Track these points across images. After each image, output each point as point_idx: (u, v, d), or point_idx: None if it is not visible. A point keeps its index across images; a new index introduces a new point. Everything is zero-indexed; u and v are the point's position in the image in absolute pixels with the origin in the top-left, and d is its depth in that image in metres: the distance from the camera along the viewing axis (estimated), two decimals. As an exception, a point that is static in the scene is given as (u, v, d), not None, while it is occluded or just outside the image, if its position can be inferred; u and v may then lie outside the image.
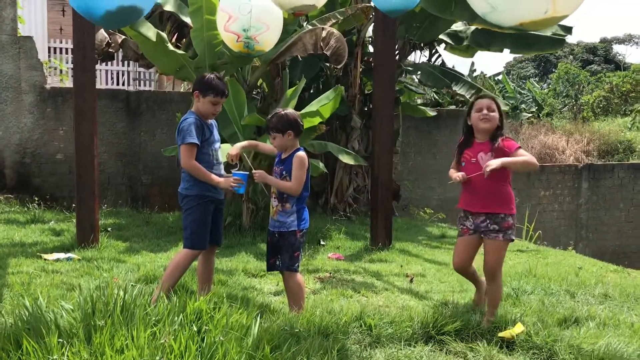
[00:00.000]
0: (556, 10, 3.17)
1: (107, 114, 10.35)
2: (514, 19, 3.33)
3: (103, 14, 3.21)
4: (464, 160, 4.29)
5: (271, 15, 5.41)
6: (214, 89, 4.23)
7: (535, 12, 3.20)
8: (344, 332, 3.88)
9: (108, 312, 3.44)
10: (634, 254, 14.30)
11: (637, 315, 4.99)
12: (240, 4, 5.34)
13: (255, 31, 5.36)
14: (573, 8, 3.29)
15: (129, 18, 3.39)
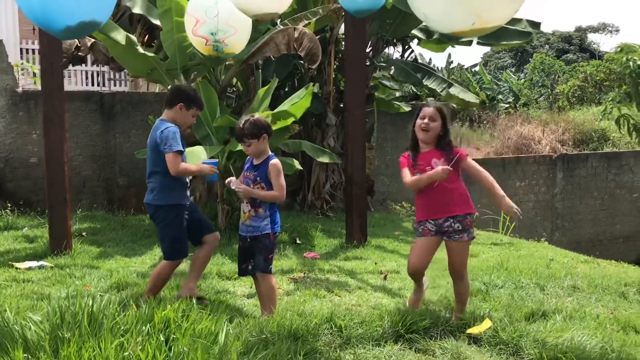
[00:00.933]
0: (484, 22, 3.29)
1: (81, 116, 10.26)
2: (446, 28, 3.47)
3: (63, 29, 3.21)
4: (419, 170, 4.26)
5: (239, 18, 5.41)
6: (198, 103, 4.51)
7: (463, 24, 3.33)
8: (314, 334, 3.92)
9: (76, 323, 3.45)
10: (609, 242, 14.55)
11: (603, 306, 5.10)
12: (207, 7, 5.34)
13: (223, 34, 5.37)
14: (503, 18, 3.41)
15: (87, 30, 3.39)
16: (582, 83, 23.59)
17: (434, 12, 3.51)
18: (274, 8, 4.39)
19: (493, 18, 3.42)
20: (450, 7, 3.46)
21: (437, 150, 4.24)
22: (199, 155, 6.62)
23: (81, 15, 3.11)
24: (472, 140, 19.22)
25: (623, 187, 14.73)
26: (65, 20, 3.11)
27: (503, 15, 3.44)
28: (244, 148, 4.30)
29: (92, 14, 3.15)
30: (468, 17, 3.36)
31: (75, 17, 3.11)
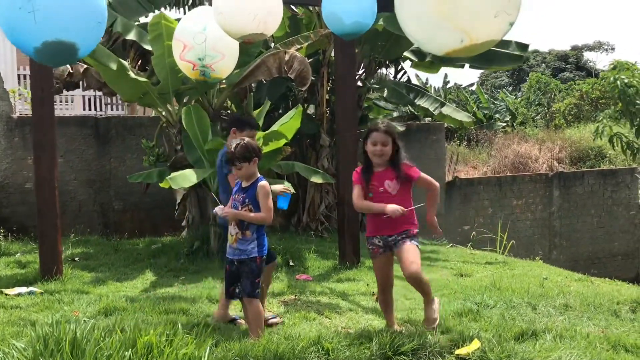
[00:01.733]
0: (474, 39, 3.29)
1: (76, 141, 10.32)
2: (439, 50, 3.47)
3: (32, 51, 3.24)
4: (371, 190, 4.38)
5: (226, 44, 5.46)
6: (251, 124, 4.95)
7: (452, 43, 3.33)
8: (301, 357, 3.90)
9: (59, 349, 3.43)
10: (607, 259, 14.48)
11: (595, 324, 5.07)
12: (195, 33, 5.39)
13: (211, 60, 5.41)
14: (495, 33, 3.41)
15: (63, 55, 3.38)
16: (579, 101, 23.70)
17: (423, 35, 3.55)
18: (259, 29, 4.44)
19: (481, 34, 3.43)
20: (436, 27, 3.50)
21: (391, 170, 4.39)
22: (190, 178, 6.65)
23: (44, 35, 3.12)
24: (470, 159, 19.26)
25: (620, 204, 14.71)
26: (31, 41, 3.14)
27: (491, 31, 3.45)
28: (234, 171, 4.31)
29: (56, 34, 3.15)
30: (456, 35, 3.38)
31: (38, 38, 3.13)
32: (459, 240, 11.98)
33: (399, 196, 4.35)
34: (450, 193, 13.07)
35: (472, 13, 3.43)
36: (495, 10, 3.43)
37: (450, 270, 7.65)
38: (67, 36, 3.17)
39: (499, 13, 3.43)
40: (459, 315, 5.09)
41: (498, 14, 3.43)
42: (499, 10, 3.43)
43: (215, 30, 5.27)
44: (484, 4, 3.38)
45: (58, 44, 3.15)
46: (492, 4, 3.38)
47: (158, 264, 7.34)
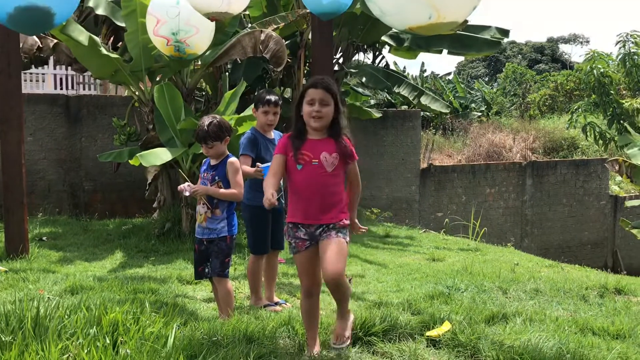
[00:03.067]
0: (441, 17, 3.26)
1: (47, 119, 10.09)
2: (401, 23, 3.44)
3: (5, 17, 3.11)
4: (301, 161, 3.47)
5: (200, 18, 5.32)
6: (261, 100, 4.59)
7: (419, 18, 3.30)
8: (271, 337, 3.85)
9: (21, 327, 3.34)
10: (577, 248, 14.72)
11: (564, 309, 5.11)
12: (168, 7, 5.27)
13: (185, 34, 5.30)
14: (462, 14, 3.39)
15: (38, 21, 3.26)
16: (553, 92, 23.98)
17: (390, 5, 3.46)
18: (223, 7, 4.34)
19: (451, 12, 3.39)
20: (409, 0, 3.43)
21: (331, 140, 3.51)
22: (161, 156, 6.53)
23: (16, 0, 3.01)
24: (445, 147, 19.36)
25: (591, 194, 14.93)
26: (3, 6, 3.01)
27: (459, 12, 3.42)
28: (204, 149, 4.22)
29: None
30: (425, 10, 3.32)
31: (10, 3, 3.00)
32: (432, 226, 12.06)
33: (333, 175, 3.51)
34: (424, 180, 13.12)
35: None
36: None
37: (422, 255, 7.68)
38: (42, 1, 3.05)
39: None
40: (430, 297, 5.08)
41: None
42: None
43: (188, 4, 5.17)
44: None
45: (32, 10, 3.03)
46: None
47: (128, 244, 7.22)
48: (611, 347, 4.02)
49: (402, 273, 6.36)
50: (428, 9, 3.26)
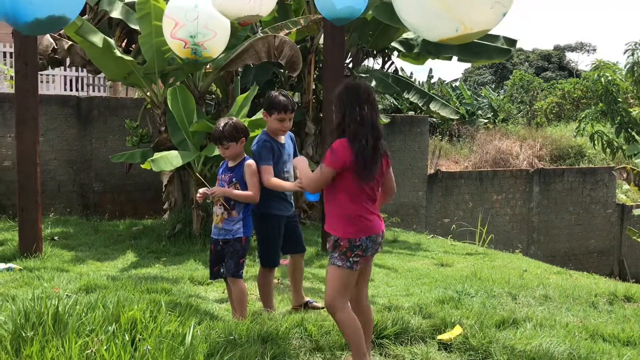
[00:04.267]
0: (467, 28, 3.35)
1: (58, 120, 10.17)
2: (432, 37, 3.53)
3: (32, 21, 3.18)
4: None
5: (218, 22, 5.41)
6: (276, 107, 4.26)
7: (447, 31, 3.38)
8: (284, 338, 3.90)
9: (41, 323, 3.39)
10: (583, 256, 14.71)
11: (574, 315, 5.14)
12: (187, 10, 5.33)
13: (203, 37, 5.35)
14: (488, 23, 3.47)
15: (55, 26, 3.36)
16: (560, 100, 23.98)
17: (420, 22, 3.58)
18: (255, 10, 4.40)
19: (475, 23, 3.47)
20: (434, 16, 3.52)
21: None
22: (172, 161, 6.58)
23: (52, 8, 3.08)
24: (451, 153, 19.39)
25: (598, 202, 14.93)
26: (35, 12, 3.09)
27: (484, 21, 3.49)
28: (221, 150, 4.27)
29: (62, 9, 3.12)
30: (450, 24, 3.41)
31: (45, 10, 3.08)
32: (439, 232, 12.08)
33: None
34: (431, 186, 13.15)
35: (470, 4, 3.46)
36: (492, 2, 3.46)
37: (431, 260, 7.70)
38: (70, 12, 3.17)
39: (494, 4, 3.47)
40: (440, 302, 5.12)
41: (494, 5, 3.47)
42: (495, 2, 3.46)
43: (207, 7, 5.23)
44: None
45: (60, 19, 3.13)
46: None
47: (139, 245, 7.28)
48: (622, 354, 4.05)
49: (412, 277, 6.40)
50: (453, 22, 3.35)
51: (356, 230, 3.37)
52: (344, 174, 3.33)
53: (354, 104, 3.36)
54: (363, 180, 3.33)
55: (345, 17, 5.58)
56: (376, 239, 3.43)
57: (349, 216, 3.39)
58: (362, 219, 3.38)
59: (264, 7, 4.76)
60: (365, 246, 3.38)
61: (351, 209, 3.38)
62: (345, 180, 3.34)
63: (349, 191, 3.36)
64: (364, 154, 3.28)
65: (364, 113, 3.34)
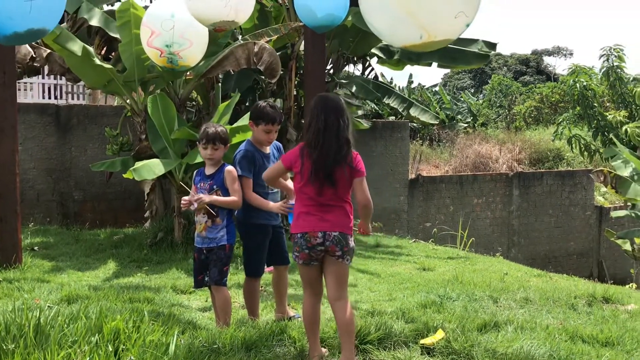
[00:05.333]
0: (432, 36, 3.41)
1: (36, 128, 10.07)
2: (397, 42, 3.59)
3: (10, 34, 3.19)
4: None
5: (195, 31, 5.40)
6: (264, 117, 4.24)
7: (411, 38, 3.44)
8: (268, 345, 3.90)
9: (22, 335, 3.36)
10: (563, 258, 14.89)
11: (554, 317, 5.21)
12: (163, 20, 5.31)
13: (178, 47, 5.34)
14: (452, 33, 3.53)
15: (34, 38, 3.36)
16: (538, 104, 24.30)
17: (384, 27, 3.61)
18: (230, 16, 4.41)
19: (439, 32, 3.53)
20: (397, 22, 3.58)
21: None
22: (154, 169, 6.56)
23: (31, 22, 3.08)
24: (432, 158, 19.53)
25: (577, 205, 15.13)
26: (14, 26, 3.08)
27: (449, 30, 3.56)
28: (209, 151, 4.21)
29: (41, 22, 3.12)
30: (415, 31, 3.46)
31: (24, 24, 3.08)
32: (420, 236, 12.16)
33: None
34: (412, 190, 13.24)
35: (434, 12, 3.53)
36: (456, 12, 3.52)
37: (413, 264, 7.76)
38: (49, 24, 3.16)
39: (459, 14, 3.53)
40: (422, 306, 5.16)
41: (458, 15, 3.53)
42: (460, 12, 3.53)
43: (183, 17, 5.21)
44: (446, 5, 3.49)
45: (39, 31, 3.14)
46: (454, 5, 3.49)
47: (120, 254, 7.22)
48: (600, 355, 4.12)
49: (394, 282, 6.44)
50: (418, 30, 3.41)
51: (294, 226, 3.71)
52: (296, 175, 3.67)
53: (320, 113, 3.59)
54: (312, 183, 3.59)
55: (326, 24, 5.62)
56: (309, 239, 3.61)
57: (294, 214, 3.76)
58: (299, 216, 3.68)
59: (241, 13, 4.77)
60: (300, 243, 3.63)
61: (296, 207, 3.74)
62: (295, 180, 3.71)
63: (296, 191, 3.73)
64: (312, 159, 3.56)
65: (325, 120, 3.55)
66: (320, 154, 3.53)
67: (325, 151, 3.54)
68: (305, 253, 3.64)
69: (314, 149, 3.54)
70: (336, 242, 3.63)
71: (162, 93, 7.54)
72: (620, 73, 12.40)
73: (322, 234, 3.61)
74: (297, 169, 3.63)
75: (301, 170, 3.61)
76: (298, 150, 3.66)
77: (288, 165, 3.70)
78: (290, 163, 3.68)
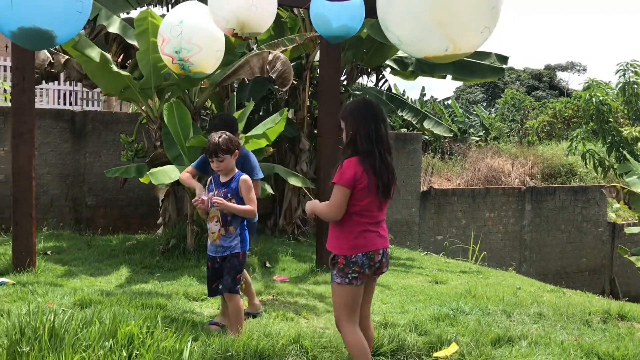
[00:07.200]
0: (457, 49, 3.38)
1: (52, 134, 10.14)
2: (418, 52, 3.55)
3: (9, 34, 3.21)
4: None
5: (204, 36, 5.30)
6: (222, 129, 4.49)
7: (436, 49, 3.41)
8: (281, 355, 3.89)
9: (36, 338, 3.37)
10: (574, 274, 14.76)
11: (568, 333, 5.15)
12: (172, 26, 5.31)
13: (187, 53, 5.28)
14: (475, 45, 3.52)
15: (40, 41, 3.35)
16: (551, 119, 24.17)
17: (408, 35, 3.56)
18: None
19: (465, 45, 3.51)
20: (425, 32, 3.52)
21: None
22: (170, 174, 6.59)
23: (20, 20, 3.10)
24: (443, 171, 19.46)
25: (589, 220, 15.01)
26: (7, 25, 3.11)
27: (473, 44, 3.55)
28: (215, 164, 4.25)
29: (33, 20, 3.12)
30: (442, 43, 3.43)
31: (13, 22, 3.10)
32: (431, 249, 12.10)
33: None
34: (424, 203, 13.19)
35: (464, 25, 3.48)
36: (483, 26, 3.51)
37: (425, 277, 7.71)
38: (44, 23, 3.14)
39: (484, 29, 3.52)
40: (435, 319, 5.13)
41: (484, 30, 3.52)
42: (486, 27, 3.51)
43: (191, 22, 5.20)
44: (477, 19, 3.46)
45: (34, 30, 3.13)
46: (483, 20, 3.46)
47: (133, 260, 7.24)
48: (617, 372, 4.07)
49: (406, 295, 6.40)
50: (445, 41, 3.37)
51: (351, 247, 3.40)
52: (358, 191, 3.36)
53: (367, 121, 3.42)
54: (377, 198, 3.38)
55: (341, 35, 5.63)
56: (373, 257, 3.43)
57: (347, 233, 3.42)
58: (357, 236, 3.41)
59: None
60: (362, 263, 3.40)
61: (349, 226, 3.42)
62: (355, 198, 3.37)
63: (350, 209, 3.38)
64: (376, 172, 3.35)
65: (377, 130, 3.41)
66: (382, 166, 3.37)
67: (385, 164, 3.39)
68: (367, 273, 3.44)
69: (373, 161, 3.36)
70: (388, 258, 3.56)
71: (178, 100, 7.58)
72: (637, 89, 12.33)
73: (382, 250, 3.47)
74: (364, 184, 3.34)
75: (369, 185, 3.34)
76: (358, 165, 3.35)
77: (352, 185, 3.33)
78: (354, 181, 3.33)
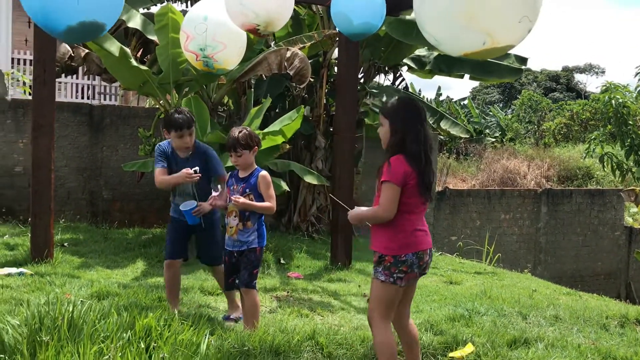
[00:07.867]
0: (495, 42, 3.33)
1: (69, 127, 10.22)
2: (457, 50, 3.50)
3: (64, 29, 3.22)
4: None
5: (229, 33, 5.33)
6: (173, 125, 4.51)
7: (474, 44, 3.36)
8: (296, 350, 3.90)
9: (55, 327, 3.40)
10: (590, 278, 14.61)
11: (585, 336, 5.10)
12: (197, 23, 5.32)
13: (212, 50, 5.31)
14: (516, 38, 3.45)
15: (91, 33, 3.40)
16: (568, 121, 23.97)
17: (443, 33, 3.53)
18: None
19: (502, 37, 3.44)
20: (458, 28, 3.46)
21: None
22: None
23: (81, 15, 3.12)
24: (459, 171, 19.38)
25: (606, 224, 14.86)
26: (66, 20, 3.13)
27: (513, 36, 3.47)
28: (233, 158, 4.27)
29: (93, 15, 3.16)
30: (478, 37, 3.38)
31: (75, 17, 3.12)
32: (446, 249, 12.05)
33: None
34: (439, 203, 13.13)
35: (497, 16, 3.41)
36: (520, 16, 3.44)
37: (440, 277, 7.68)
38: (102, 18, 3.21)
39: (523, 19, 3.45)
40: (451, 319, 5.10)
41: (522, 19, 3.45)
42: (524, 16, 3.45)
43: (216, 19, 5.22)
44: (510, 8, 3.39)
45: (93, 24, 3.19)
46: (518, 8, 3.40)
47: (149, 253, 7.29)
48: (635, 377, 4.03)
49: (421, 294, 6.37)
50: (482, 35, 3.32)
51: (400, 246, 3.36)
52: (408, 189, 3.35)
53: (415, 122, 3.40)
54: (422, 196, 3.38)
55: (362, 32, 5.62)
56: (422, 256, 3.42)
57: (397, 232, 3.38)
58: (408, 235, 3.39)
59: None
60: (411, 262, 3.37)
61: (400, 225, 3.38)
62: (405, 195, 3.35)
63: (400, 207, 3.35)
64: (422, 171, 3.34)
65: (424, 131, 3.41)
66: (427, 167, 3.37)
67: (429, 164, 3.40)
68: (416, 273, 3.42)
69: (419, 161, 3.34)
70: (432, 257, 3.57)
71: (196, 96, 7.61)
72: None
73: (429, 250, 3.48)
74: (413, 182, 3.33)
75: (417, 183, 3.34)
76: (405, 163, 3.33)
77: (403, 183, 3.31)
78: (405, 179, 3.32)
